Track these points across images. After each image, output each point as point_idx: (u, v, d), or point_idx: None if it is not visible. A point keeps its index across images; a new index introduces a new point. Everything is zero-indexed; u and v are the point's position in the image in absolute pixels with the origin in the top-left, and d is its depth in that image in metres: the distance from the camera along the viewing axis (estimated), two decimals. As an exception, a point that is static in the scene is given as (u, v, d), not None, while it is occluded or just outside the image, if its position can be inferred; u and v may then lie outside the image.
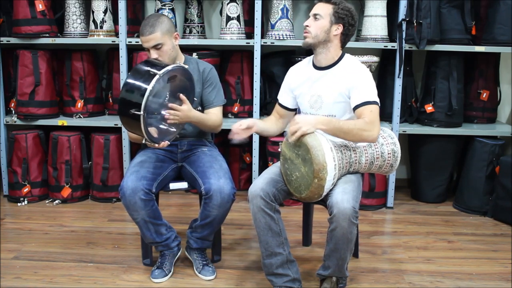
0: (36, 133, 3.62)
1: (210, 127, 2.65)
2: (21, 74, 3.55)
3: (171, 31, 2.52)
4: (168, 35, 2.50)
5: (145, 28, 2.46)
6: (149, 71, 2.26)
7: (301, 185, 2.25)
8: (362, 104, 2.27)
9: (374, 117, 2.25)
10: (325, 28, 2.34)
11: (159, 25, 2.46)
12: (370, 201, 3.60)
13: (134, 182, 2.42)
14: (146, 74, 2.26)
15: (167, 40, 2.49)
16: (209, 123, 2.61)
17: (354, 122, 2.24)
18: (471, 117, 3.75)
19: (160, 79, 2.25)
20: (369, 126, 2.22)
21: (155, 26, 2.45)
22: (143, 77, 2.25)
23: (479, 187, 3.51)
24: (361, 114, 2.26)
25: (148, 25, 2.46)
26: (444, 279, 2.62)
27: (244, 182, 3.90)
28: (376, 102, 2.29)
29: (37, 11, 3.48)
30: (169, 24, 2.52)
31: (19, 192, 3.61)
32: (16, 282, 2.53)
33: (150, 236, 2.52)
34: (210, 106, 2.66)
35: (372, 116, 2.25)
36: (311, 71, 2.46)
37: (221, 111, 2.69)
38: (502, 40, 3.45)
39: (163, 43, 2.47)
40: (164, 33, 2.47)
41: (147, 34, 2.46)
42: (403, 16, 3.41)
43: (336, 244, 2.20)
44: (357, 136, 2.23)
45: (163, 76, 2.26)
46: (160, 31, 2.46)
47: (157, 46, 2.47)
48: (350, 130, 2.21)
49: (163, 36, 2.47)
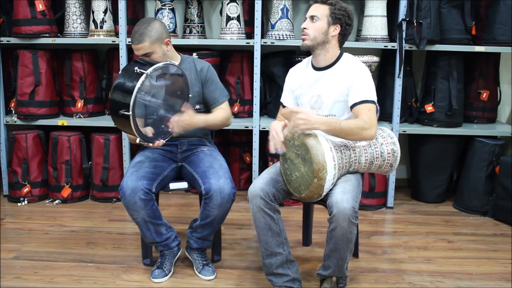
0: (36, 133, 3.62)
1: (221, 124, 2.65)
2: (21, 74, 3.55)
3: (161, 39, 2.47)
4: (157, 43, 2.46)
5: (134, 37, 2.44)
6: (137, 70, 2.25)
7: (301, 185, 2.25)
8: (360, 103, 2.28)
9: (372, 116, 2.26)
10: (323, 29, 2.34)
11: (148, 33, 2.42)
12: (370, 201, 3.59)
13: (134, 182, 2.42)
14: (134, 74, 2.25)
15: (157, 48, 2.46)
16: (217, 121, 2.61)
17: (354, 122, 2.24)
18: (471, 117, 3.75)
19: (148, 78, 2.24)
20: (368, 125, 2.23)
21: (143, 35, 2.42)
22: (131, 77, 2.24)
23: (479, 187, 3.51)
24: (359, 113, 2.27)
25: (137, 33, 2.43)
26: (444, 279, 2.62)
27: (244, 182, 3.90)
28: (374, 101, 2.30)
29: (37, 11, 3.48)
30: (160, 31, 2.46)
31: (19, 192, 3.61)
32: (16, 282, 2.54)
33: (150, 236, 2.52)
34: (217, 103, 2.65)
35: (370, 114, 2.26)
36: (310, 72, 2.46)
37: (228, 105, 2.68)
38: (502, 40, 3.45)
39: (152, 52, 2.45)
40: (153, 41, 2.44)
41: (136, 43, 2.44)
42: (403, 16, 3.41)
43: (336, 244, 2.20)
44: (357, 135, 2.24)
45: (151, 74, 2.25)
46: (148, 41, 2.42)
47: (146, 55, 2.46)
48: (350, 130, 2.21)
49: (152, 45, 2.44)
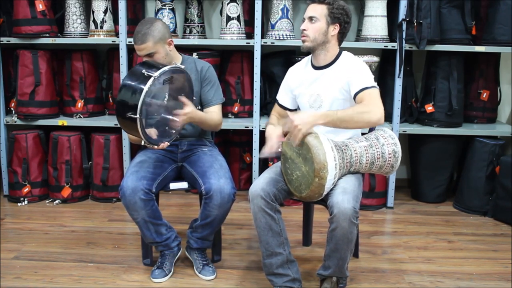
0: (36, 133, 3.62)
1: (211, 126, 2.65)
2: (21, 74, 3.55)
3: (164, 39, 2.47)
4: (160, 43, 2.46)
5: (137, 37, 2.44)
6: (145, 73, 2.25)
7: (302, 184, 2.25)
8: (360, 91, 2.26)
9: (373, 99, 2.22)
10: (322, 30, 2.34)
11: (151, 33, 2.42)
12: (370, 201, 3.60)
13: (134, 182, 2.42)
14: (141, 76, 2.24)
15: (160, 48, 2.46)
16: (209, 122, 2.61)
17: (351, 108, 2.23)
18: (471, 117, 3.75)
19: (156, 81, 2.24)
20: (367, 107, 2.19)
21: (147, 35, 2.42)
22: (139, 79, 2.24)
23: (479, 187, 3.51)
24: (361, 100, 2.25)
25: (140, 33, 2.43)
26: (444, 279, 2.62)
27: (244, 182, 3.90)
28: (374, 86, 2.28)
29: (37, 11, 3.48)
30: (163, 31, 2.47)
31: (19, 192, 3.61)
32: (16, 282, 2.53)
33: (150, 236, 2.52)
34: (209, 104, 2.65)
35: (370, 97, 2.22)
36: (310, 71, 2.46)
37: (220, 109, 2.68)
38: (502, 40, 3.45)
39: (155, 52, 2.45)
40: (156, 41, 2.44)
41: (139, 44, 2.44)
42: (403, 16, 3.41)
43: (337, 244, 2.20)
44: (360, 120, 2.18)
45: (158, 77, 2.25)
46: (152, 41, 2.43)
47: (149, 55, 2.46)
48: (350, 116, 2.17)
49: (155, 45, 2.44)
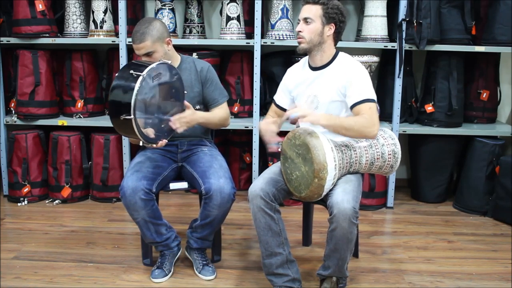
0: (36, 133, 3.62)
1: (219, 123, 2.66)
2: (21, 74, 3.55)
3: (162, 38, 2.48)
4: (159, 42, 2.47)
5: (135, 36, 2.44)
6: (133, 73, 2.24)
7: (301, 184, 2.25)
8: (360, 102, 2.27)
9: (373, 114, 2.26)
10: (318, 31, 2.33)
11: (150, 32, 2.43)
12: (370, 201, 3.59)
13: (134, 182, 2.42)
14: (130, 77, 2.24)
15: (158, 47, 2.47)
16: (215, 120, 2.63)
17: (354, 119, 2.24)
18: (471, 117, 3.75)
19: (145, 80, 2.23)
20: (369, 123, 2.22)
21: (145, 34, 2.42)
22: (128, 80, 2.24)
23: (479, 187, 3.51)
24: (360, 112, 2.26)
25: (138, 32, 2.44)
26: (444, 279, 2.62)
27: (244, 182, 3.90)
28: (374, 100, 2.30)
29: (37, 11, 3.48)
30: (161, 30, 2.48)
31: (19, 192, 3.61)
32: (16, 282, 2.53)
33: (150, 236, 2.52)
34: (216, 104, 2.66)
35: (371, 112, 2.25)
36: (307, 72, 2.47)
37: (226, 105, 2.70)
38: (502, 40, 3.45)
39: (154, 51, 2.46)
40: (155, 40, 2.45)
41: (138, 43, 2.44)
42: (403, 16, 3.41)
43: (336, 244, 2.20)
44: (358, 133, 2.23)
45: (146, 76, 2.24)
46: (150, 40, 2.43)
47: (148, 54, 2.46)
48: (351, 126, 2.21)
49: (154, 44, 2.45)
